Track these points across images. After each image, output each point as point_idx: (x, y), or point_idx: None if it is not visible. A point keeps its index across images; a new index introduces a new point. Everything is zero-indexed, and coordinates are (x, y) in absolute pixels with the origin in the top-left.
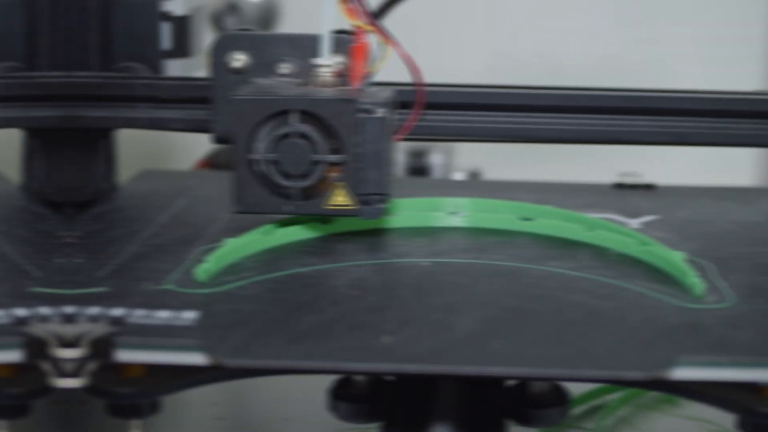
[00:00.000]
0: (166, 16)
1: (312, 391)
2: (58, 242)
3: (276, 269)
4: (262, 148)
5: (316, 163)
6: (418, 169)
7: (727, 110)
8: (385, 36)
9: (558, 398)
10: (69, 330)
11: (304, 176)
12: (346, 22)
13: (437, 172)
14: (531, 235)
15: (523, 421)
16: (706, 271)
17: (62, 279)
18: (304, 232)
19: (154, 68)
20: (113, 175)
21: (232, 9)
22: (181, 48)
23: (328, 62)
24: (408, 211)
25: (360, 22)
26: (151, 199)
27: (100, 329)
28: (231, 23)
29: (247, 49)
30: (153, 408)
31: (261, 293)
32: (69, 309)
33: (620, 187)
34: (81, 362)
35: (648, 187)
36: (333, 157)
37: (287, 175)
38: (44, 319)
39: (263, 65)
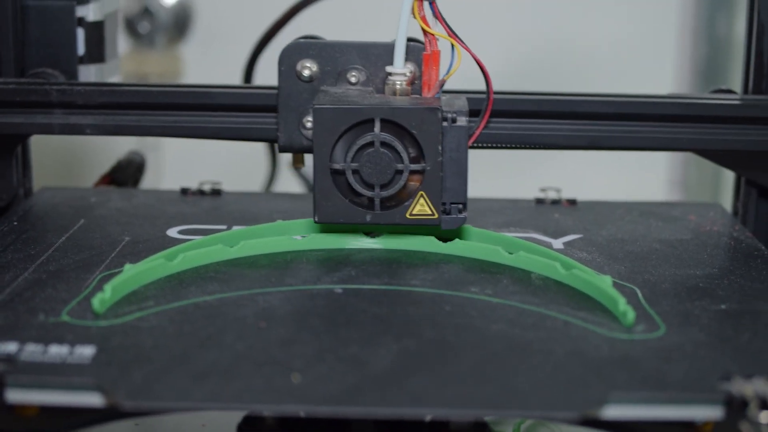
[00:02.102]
0: (81, 22)
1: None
2: None
3: (179, 298)
4: (342, 157)
5: (398, 172)
6: None
7: (640, 114)
8: (459, 43)
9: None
10: None
11: (385, 185)
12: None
13: None
14: (449, 257)
15: None
16: (634, 296)
17: None
18: (209, 257)
19: (70, 74)
20: (29, 181)
21: (146, 13)
22: (96, 53)
23: (402, 70)
24: (320, 232)
25: (433, 30)
26: (49, 220)
27: None
28: (144, 28)
29: (315, 57)
30: None
31: (162, 325)
32: None
33: (541, 202)
34: None
35: (570, 203)
36: (416, 166)
37: (368, 185)
38: None
39: (332, 74)
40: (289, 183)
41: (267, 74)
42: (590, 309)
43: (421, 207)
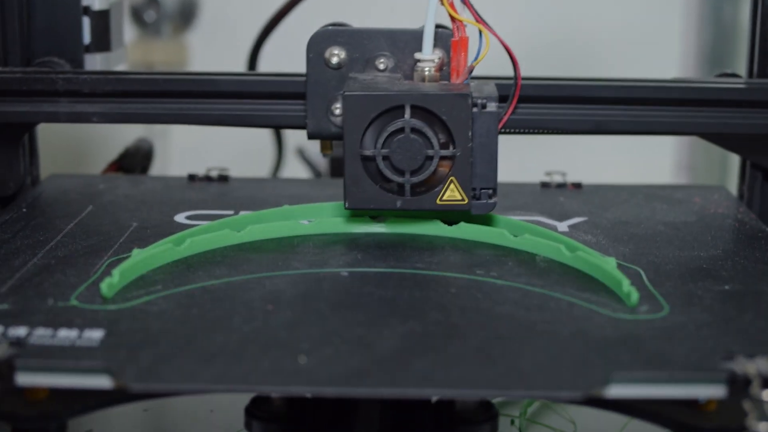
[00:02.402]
0: (87, 11)
1: (228, 409)
2: None
3: (186, 282)
4: (372, 143)
5: (429, 158)
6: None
7: (644, 98)
8: (488, 28)
9: (486, 414)
10: None
11: (416, 171)
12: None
13: None
14: (455, 240)
15: None
16: (638, 277)
17: None
18: (216, 242)
19: (76, 63)
20: (36, 169)
21: (152, 2)
22: (102, 42)
23: (431, 57)
24: (326, 216)
25: (461, 16)
26: (58, 207)
27: (0, 351)
28: (150, 16)
29: (344, 44)
30: (60, 430)
31: (170, 309)
32: None
33: (546, 186)
34: None
35: (575, 186)
36: (447, 152)
37: (399, 171)
38: None
39: (360, 61)
40: (295, 169)
41: (271, 61)
42: (594, 290)
43: (452, 192)
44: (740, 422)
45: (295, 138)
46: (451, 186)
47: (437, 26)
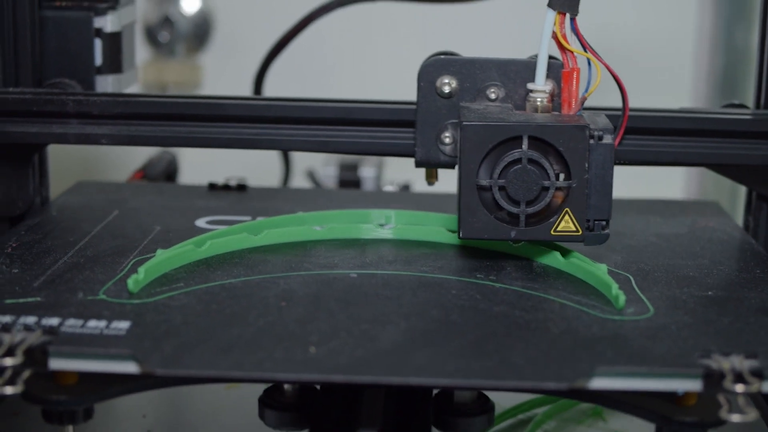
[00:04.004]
0: (99, 33)
1: (241, 401)
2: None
3: (206, 280)
4: (486, 173)
5: (544, 189)
6: (350, 182)
7: (650, 128)
8: (598, 59)
9: (482, 407)
10: (6, 339)
11: (531, 202)
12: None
13: (368, 185)
14: (458, 246)
15: (448, 429)
16: (628, 283)
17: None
18: (235, 244)
19: (87, 84)
20: (46, 189)
21: (167, 22)
22: (113, 64)
23: (543, 87)
24: (337, 223)
25: (573, 47)
26: (86, 211)
27: (34, 338)
28: (164, 37)
29: (455, 73)
30: (87, 414)
31: (191, 304)
32: (5, 318)
33: None
34: (17, 370)
35: None
36: (563, 183)
37: (514, 201)
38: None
39: (470, 90)
40: (301, 185)
41: (276, 85)
42: (585, 293)
43: (566, 224)
44: (716, 416)
45: (303, 161)
46: (566, 217)
47: (551, 57)
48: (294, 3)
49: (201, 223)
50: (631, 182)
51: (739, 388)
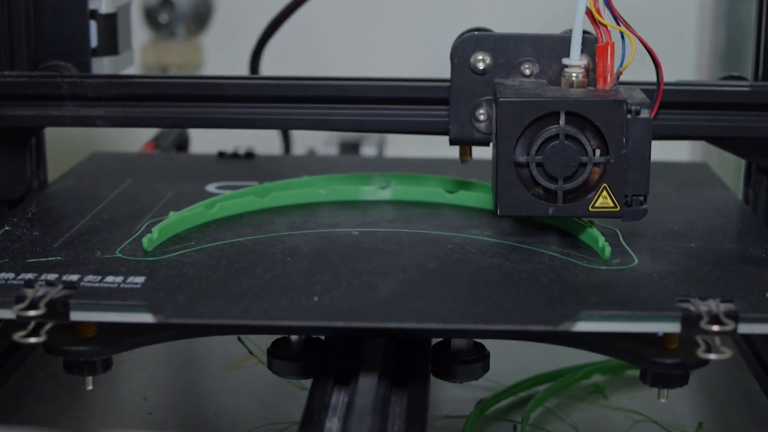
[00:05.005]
0: (94, 14)
1: (242, 384)
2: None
3: (216, 239)
4: (523, 150)
5: (582, 165)
6: None
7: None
8: (633, 33)
9: (478, 354)
10: (29, 293)
11: (569, 178)
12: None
13: None
14: (455, 206)
15: (447, 376)
16: (615, 237)
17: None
18: (243, 206)
19: (83, 66)
20: (43, 172)
21: (166, 3)
22: (109, 46)
23: (579, 63)
24: (340, 185)
25: (606, 21)
26: (101, 179)
27: (55, 292)
28: (164, 18)
29: (489, 49)
30: (105, 365)
31: (202, 260)
32: (28, 275)
33: None
34: (39, 322)
35: None
36: (600, 159)
37: (552, 178)
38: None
39: (504, 66)
40: None
41: (272, 65)
42: (574, 246)
43: (604, 199)
44: (696, 358)
45: (304, 141)
46: (604, 193)
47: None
48: None
49: (211, 188)
50: None
51: (715, 328)
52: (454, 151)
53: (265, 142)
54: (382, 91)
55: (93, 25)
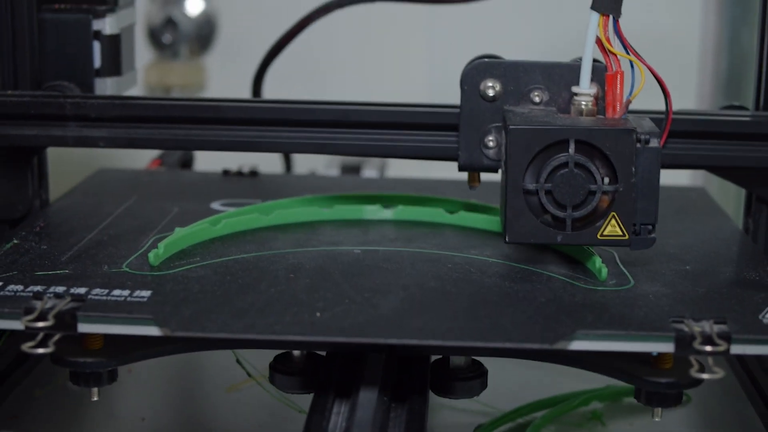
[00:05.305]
0: (97, 35)
1: (240, 408)
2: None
3: (221, 255)
4: (532, 177)
5: (591, 193)
6: None
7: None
8: (642, 61)
9: (476, 371)
10: (38, 305)
11: (578, 206)
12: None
13: None
14: (455, 227)
15: (445, 392)
16: (612, 258)
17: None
18: (248, 223)
19: (86, 87)
20: (45, 192)
21: (170, 24)
22: (112, 66)
23: (588, 91)
24: (343, 204)
25: (616, 50)
26: (107, 195)
27: (63, 305)
28: (168, 38)
29: (499, 76)
30: (111, 377)
31: (207, 275)
32: (36, 287)
33: None
34: (47, 333)
35: None
36: (610, 187)
37: (560, 205)
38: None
39: (514, 93)
40: None
41: (275, 88)
42: (572, 267)
43: (612, 228)
44: (689, 377)
45: (305, 163)
46: (612, 221)
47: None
48: (298, 4)
49: (216, 205)
50: None
51: (708, 348)
52: (452, 173)
53: (267, 161)
54: (393, 116)
55: (96, 46)
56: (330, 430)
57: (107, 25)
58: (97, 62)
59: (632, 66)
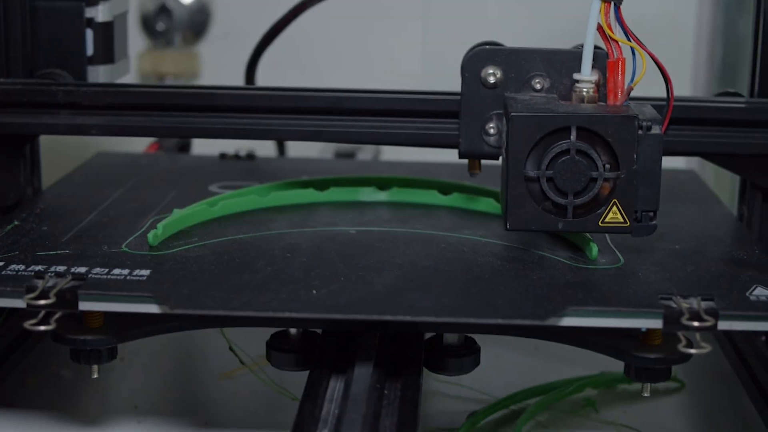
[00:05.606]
0: (90, 23)
1: (232, 395)
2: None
3: (218, 236)
4: (534, 164)
5: (592, 180)
6: None
7: None
8: (644, 48)
9: (469, 348)
10: (40, 283)
11: (579, 193)
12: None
13: None
14: (449, 208)
15: (439, 368)
16: (603, 238)
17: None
18: (245, 205)
19: (79, 74)
20: (37, 180)
21: (163, 11)
22: (105, 54)
23: (590, 78)
24: (339, 186)
25: (618, 36)
26: (106, 178)
27: (65, 283)
28: (161, 26)
29: (500, 63)
30: (110, 354)
31: (205, 255)
32: (38, 267)
33: None
34: (49, 311)
35: None
36: (611, 174)
37: (562, 193)
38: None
39: (515, 80)
40: None
41: (268, 76)
42: (563, 247)
43: (614, 215)
44: (678, 353)
45: (300, 148)
46: (614, 208)
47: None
48: None
49: (213, 188)
50: None
51: (696, 324)
52: (447, 156)
53: (263, 145)
54: (394, 103)
55: (89, 34)
56: (326, 403)
57: (100, 13)
58: (90, 50)
59: (633, 53)
